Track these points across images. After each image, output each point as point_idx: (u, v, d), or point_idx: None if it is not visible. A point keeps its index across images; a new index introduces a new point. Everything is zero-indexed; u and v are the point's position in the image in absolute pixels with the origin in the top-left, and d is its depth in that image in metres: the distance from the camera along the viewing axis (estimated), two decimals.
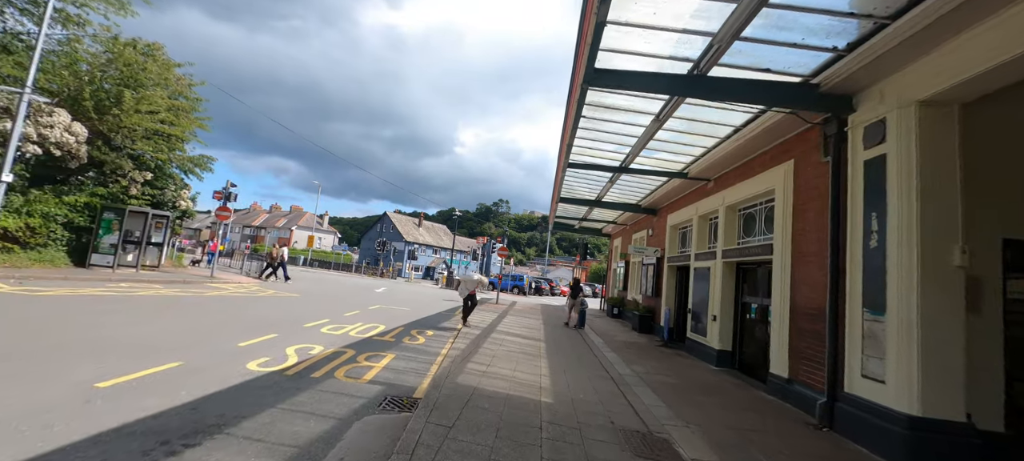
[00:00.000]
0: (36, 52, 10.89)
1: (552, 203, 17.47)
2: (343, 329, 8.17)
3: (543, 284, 37.39)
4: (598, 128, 8.62)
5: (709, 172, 9.76)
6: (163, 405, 3.64)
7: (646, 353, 9.51)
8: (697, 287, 10.17)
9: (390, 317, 10.82)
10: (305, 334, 7.30)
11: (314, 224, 60.68)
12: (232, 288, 13.74)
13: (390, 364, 5.91)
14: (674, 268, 12.56)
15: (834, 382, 5.37)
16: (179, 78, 16.24)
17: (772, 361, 6.77)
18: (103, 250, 13.60)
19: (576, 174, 12.09)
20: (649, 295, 13.89)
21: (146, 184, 15.66)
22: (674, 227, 12.80)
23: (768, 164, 7.61)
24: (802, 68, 5.59)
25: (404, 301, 16.08)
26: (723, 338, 8.76)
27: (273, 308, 10.14)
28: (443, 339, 8.53)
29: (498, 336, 9.33)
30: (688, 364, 8.72)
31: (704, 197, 10.41)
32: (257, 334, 6.79)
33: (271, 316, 8.83)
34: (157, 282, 12.66)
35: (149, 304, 8.73)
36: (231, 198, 15.93)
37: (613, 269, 21.55)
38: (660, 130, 8.00)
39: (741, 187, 8.54)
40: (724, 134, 7.95)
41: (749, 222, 8.74)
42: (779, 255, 6.87)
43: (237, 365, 5.00)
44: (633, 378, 6.80)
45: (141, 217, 14.42)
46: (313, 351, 6.11)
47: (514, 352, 7.67)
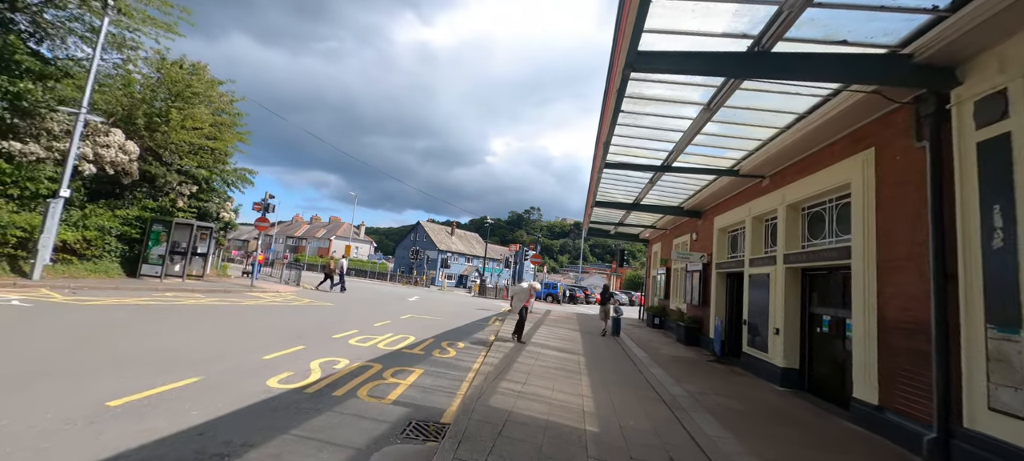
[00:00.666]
0: (91, 74, 11.51)
1: (586, 208, 16.73)
2: (372, 341, 7.85)
3: (577, 292, 36.34)
4: (638, 123, 7.93)
5: (764, 168, 8.80)
6: (170, 428, 3.32)
7: (697, 370, 8.61)
8: (753, 296, 9.16)
9: (421, 327, 10.48)
10: (332, 346, 7.02)
11: (351, 234, 62.50)
12: (269, 297, 13.93)
13: (417, 381, 5.46)
14: (723, 275, 11.52)
15: (946, 414, 4.40)
16: (222, 95, 16.93)
17: (856, 384, 5.78)
18: (152, 261, 14.18)
19: (613, 175, 11.37)
20: (695, 304, 12.85)
21: (192, 197, 16.31)
22: (722, 230, 11.77)
23: (840, 155, 6.65)
24: (890, 36, 4.73)
25: (436, 310, 15.79)
26: (788, 354, 7.75)
27: (305, 318, 10.05)
28: (475, 352, 8.04)
29: (533, 349, 8.73)
30: (747, 383, 7.76)
31: (758, 196, 9.42)
32: (284, 346, 6.56)
33: (301, 326, 8.68)
34: (199, 291, 13.00)
35: (187, 314, 8.80)
36: (270, 209, 16.33)
37: (652, 276, 20.44)
38: (709, 122, 7.22)
39: (805, 183, 7.56)
40: (784, 124, 7.05)
41: (816, 222, 7.73)
42: (860, 259, 5.90)
43: (257, 381, 4.70)
44: (688, 400, 6.00)
45: (187, 229, 14.98)
46: (338, 365, 5.77)
47: (551, 368, 7.06)
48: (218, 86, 16.70)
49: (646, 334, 14.63)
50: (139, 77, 15.18)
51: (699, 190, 11.82)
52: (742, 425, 5.03)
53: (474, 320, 13.91)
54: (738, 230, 11.11)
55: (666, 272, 17.26)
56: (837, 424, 5.63)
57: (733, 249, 11.47)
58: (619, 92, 6.14)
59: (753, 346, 8.92)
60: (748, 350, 9.12)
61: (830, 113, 6.18)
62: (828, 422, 5.70)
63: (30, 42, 13.65)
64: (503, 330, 11.12)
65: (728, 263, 11.24)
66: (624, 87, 6.06)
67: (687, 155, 9.12)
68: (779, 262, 8.14)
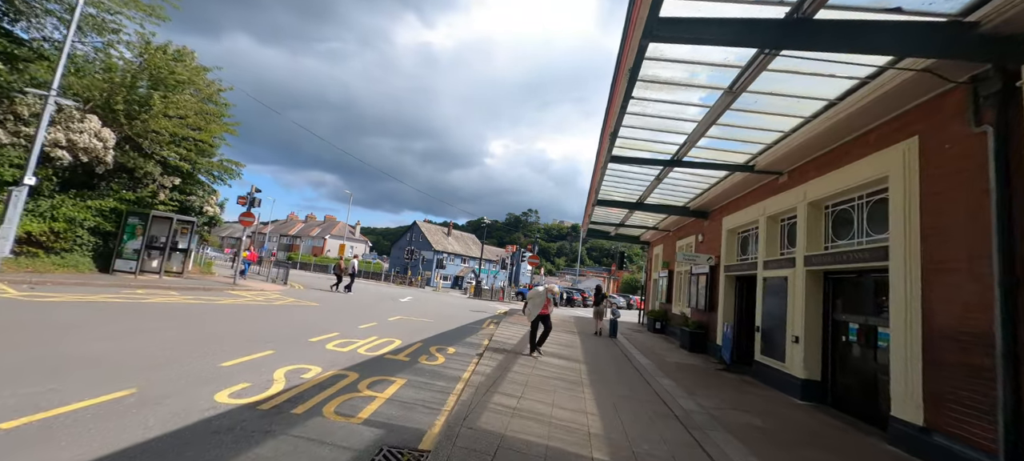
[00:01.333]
0: (63, 55, 10.75)
1: (587, 207, 16.06)
2: (352, 345, 7.12)
3: (574, 295, 35.66)
4: (648, 112, 7.27)
5: (782, 164, 8.15)
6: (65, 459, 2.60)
7: (707, 380, 7.93)
8: (768, 301, 8.49)
9: (409, 330, 9.75)
10: (306, 351, 6.28)
11: (346, 233, 61.61)
12: (251, 296, 13.16)
13: (397, 394, 4.74)
14: (732, 278, 10.85)
15: (1016, 440, 3.74)
16: (209, 83, 16.16)
17: (895, 401, 5.11)
18: (127, 256, 13.39)
19: (617, 172, 10.70)
20: (700, 309, 12.19)
21: (174, 189, 15.52)
22: (732, 231, 11.12)
23: (874, 146, 5.99)
24: (951, 3, 4.08)
25: (428, 312, 15.06)
26: (809, 365, 7.07)
27: (283, 319, 9.30)
28: (466, 359, 7.32)
29: (531, 356, 8.02)
30: (764, 396, 7.08)
31: (774, 194, 8.77)
32: (250, 351, 5.83)
33: (276, 328, 7.94)
34: (176, 288, 12.22)
35: (151, 313, 8.04)
36: (255, 204, 15.57)
37: (653, 279, 19.78)
38: (727, 111, 6.56)
39: (830, 178, 6.91)
40: (811, 112, 6.39)
41: (842, 221, 7.07)
42: (900, 261, 5.23)
43: (203, 395, 3.97)
44: (703, 417, 5.31)
45: (166, 222, 14.18)
46: (307, 374, 5.04)
47: (550, 377, 6.35)
48: (205, 74, 15.93)
49: (648, 339, 13.95)
50: (120, 62, 14.40)
51: (707, 189, 11.17)
52: (770, 449, 4.35)
53: (467, 323, 13.19)
54: (750, 231, 10.46)
55: (668, 275, 16.60)
56: (876, 447, 4.95)
57: (743, 251, 10.81)
58: (632, 71, 5.46)
59: (767, 354, 8.25)
60: (761, 358, 8.45)
61: (866, 99, 5.52)
62: (865, 445, 5.02)
63: (4, 21, 12.90)
64: (498, 334, 10.40)
65: (738, 266, 10.58)
66: (639, 65, 5.37)
67: (699, 149, 8.46)
68: (799, 265, 7.47)
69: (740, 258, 10.85)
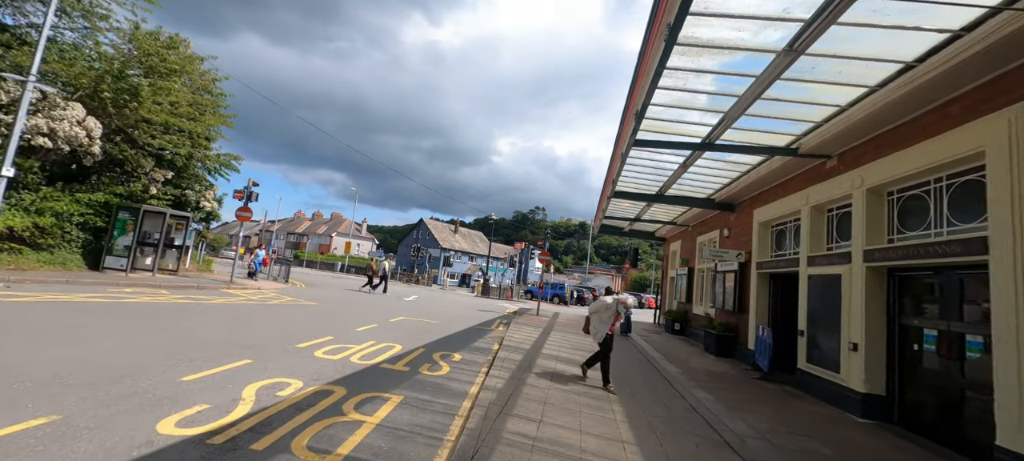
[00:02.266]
0: (41, 38, 10.06)
1: (601, 201, 15.11)
2: (345, 351, 6.29)
3: (585, 293, 34.68)
4: (682, 87, 6.34)
5: (830, 145, 7.16)
6: None
7: (746, 392, 6.98)
8: (815, 301, 7.51)
9: (412, 333, 8.91)
10: (290, 360, 5.46)
11: (352, 231, 61.20)
12: (246, 295, 12.44)
13: (390, 418, 3.89)
14: (766, 276, 9.86)
15: None
16: (203, 72, 15.47)
17: (1001, 429, 4.13)
18: (117, 252, 12.74)
19: (638, 159, 9.75)
20: (728, 309, 11.20)
21: (168, 183, 14.86)
22: (765, 224, 10.12)
23: (961, 117, 5.00)
24: None
25: (434, 311, 14.24)
26: (871, 377, 6.10)
27: (274, 320, 8.52)
28: (474, 368, 6.46)
29: (546, 363, 7.14)
30: (818, 413, 6.13)
31: (819, 181, 7.78)
32: (225, 360, 5.02)
33: (264, 332, 7.15)
34: (167, 287, 11.53)
35: (129, 315, 7.30)
36: (253, 198, 14.85)
37: (670, 277, 18.76)
38: (777, 81, 5.61)
39: (896, 160, 5.92)
40: (880, 78, 5.41)
41: (912, 210, 6.06)
42: (1008, 255, 4.24)
43: (143, 423, 3.15)
44: (761, 444, 4.39)
45: (159, 217, 13.52)
46: (284, 391, 4.21)
47: (572, 392, 5.46)
48: (200, 62, 15.23)
49: (668, 342, 12.99)
50: (110, 50, 13.73)
51: (737, 177, 10.18)
52: None
53: (475, 324, 12.34)
54: (787, 223, 9.45)
55: (688, 273, 15.60)
56: None
57: (779, 246, 9.81)
58: (671, 31, 4.56)
59: (815, 363, 7.27)
60: (807, 367, 7.47)
61: (958, 57, 4.54)
62: None
63: None
64: (509, 337, 9.54)
65: (772, 262, 9.58)
66: (681, 21, 4.46)
67: (735, 131, 7.51)
68: (856, 260, 6.49)
69: (775, 254, 9.85)
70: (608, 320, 6.37)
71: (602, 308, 6.46)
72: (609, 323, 6.34)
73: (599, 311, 6.49)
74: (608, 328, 6.35)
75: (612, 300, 6.48)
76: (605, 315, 6.43)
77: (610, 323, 6.35)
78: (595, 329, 6.49)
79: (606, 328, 6.34)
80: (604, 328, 6.36)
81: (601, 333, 6.38)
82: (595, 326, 6.51)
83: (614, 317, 6.38)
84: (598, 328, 6.45)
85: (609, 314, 6.41)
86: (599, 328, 6.44)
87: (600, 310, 6.48)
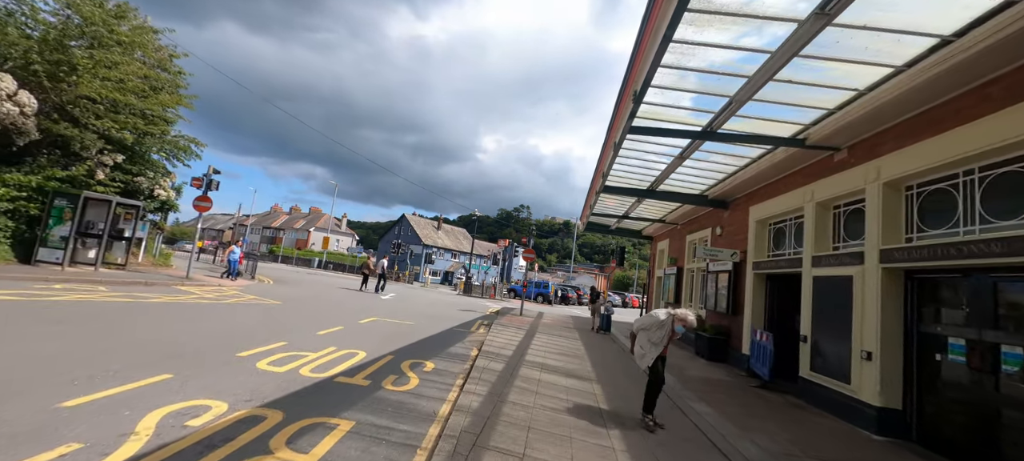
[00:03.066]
0: None
1: (589, 196, 14.45)
2: (297, 361, 5.38)
3: (569, 292, 34.16)
4: (687, 63, 5.64)
5: (841, 136, 6.59)
6: None
7: (749, 404, 6.37)
8: (821, 305, 6.95)
9: (382, 337, 8.02)
10: (221, 373, 4.54)
11: (331, 225, 59.35)
12: (200, 292, 11.28)
13: (332, 455, 3.04)
14: (763, 277, 9.33)
15: None
16: (159, 47, 14.10)
17: None
18: (53, 244, 11.39)
19: (632, 150, 9.07)
20: (721, 311, 10.66)
21: (117, 168, 13.48)
22: (762, 222, 9.58)
23: (1004, 100, 4.42)
24: None
25: (410, 311, 13.31)
26: (887, 389, 5.53)
27: (222, 322, 7.51)
28: (448, 380, 5.63)
29: (530, 373, 6.37)
30: (830, 429, 5.54)
31: (826, 175, 7.23)
32: (132, 377, 4.07)
33: (204, 336, 6.17)
34: (108, 283, 10.31)
35: (49, 316, 6.21)
36: (212, 186, 13.60)
37: (657, 277, 18.26)
38: (794, 59, 4.97)
39: (918, 150, 5.36)
40: (912, 55, 4.81)
41: (934, 206, 5.51)
42: None
43: None
44: None
45: (104, 206, 12.19)
46: (196, 420, 3.31)
47: (560, 410, 4.70)
48: (154, 35, 13.86)
49: None
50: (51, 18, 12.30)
51: (733, 173, 9.61)
52: None
53: (454, 325, 11.49)
54: (787, 221, 8.92)
55: (677, 272, 15.08)
56: None
57: (777, 245, 9.28)
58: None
59: (821, 372, 6.71)
60: (812, 376, 6.91)
61: (1004, 30, 3.95)
62: None
63: None
64: (490, 341, 8.74)
65: (770, 262, 9.05)
66: None
67: (739, 119, 6.87)
68: (870, 261, 5.92)
69: (773, 253, 9.32)
70: (660, 342, 4.88)
71: (653, 325, 4.93)
72: (661, 345, 4.89)
73: (649, 329, 4.95)
74: (661, 350, 4.89)
75: (666, 315, 4.91)
76: (656, 335, 4.89)
77: (663, 345, 4.89)
78: (642, 351, 4.98)
79: (657, 351, 4.87)
80: (655, 351, 4.88)
81: (649, 357, 4.88)
82: (643, 347, 5.00)
83: (668, 337, 4.90)
84: (647, 350, 4.93)
85: (662, 334, 4.87)
86: (648, 351, 4.91)
87: (650, 328, 4.94)
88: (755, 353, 8.44)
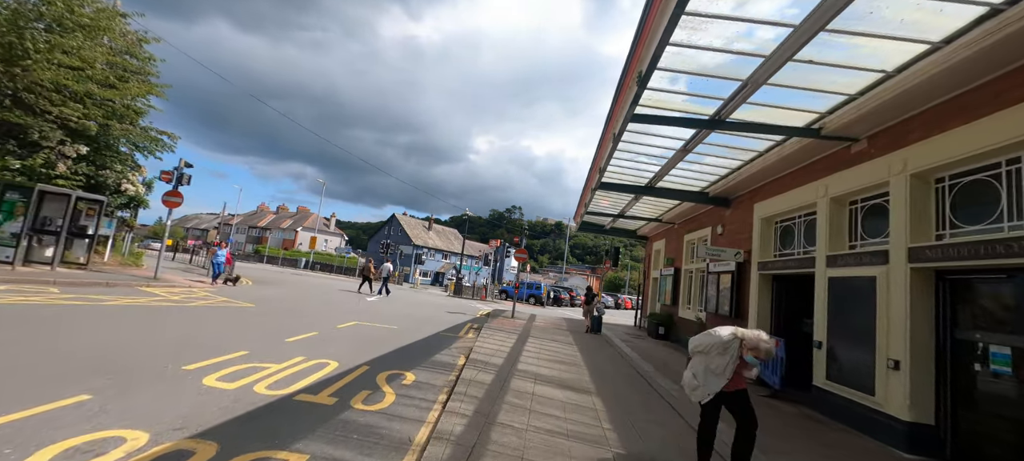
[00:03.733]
0: None
1: (584, 193, 13.88)
2: (254, 375, 4.67)
3: (562, 293, 33.61)
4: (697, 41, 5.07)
5: (861, 124, 6.08)
6: None
7: (762, 417, 5.78)
8: (837, 309, 6.43)
9: (360, 344, 7.32)
10: (154, 392, 3.82)
11: (319, 225, 58.16)
12: (165, 294, 10.44)
13: None
14: (769, 278, 8.81)
15: None
16: (127, 31, 13.20)
17: None
18: (4, 241, 10.46)
19: (632, 142, 8.49)
20: (723, 314, 10.12)
21: (80, 160, 12.56)
22: (768, 220, 9.07)
23: None
24: None
25: (395, 314, 12.59)
26: (917, 402, 5.00)
27: (178, 329, 6.75)
28: (429, 395, 4.96)
29: (522, 385, 5.72)
30: (855, 447, 4.99)
31: (841, 169, 6.72)
32: (41, 399, 3.34)
33: (150, 346, 5.42)
34: (64, 284, 9.43)
35: None
36: (183, 180, 12.73)
37: (653, 278, 17.75)
38: (819, 33, 4.43)
39: (956, 137, 4.84)
40: (953, 29, 4.29)
41: (970, 198, 4.99)
42: None
43: None
44: None
45: (62, 200, 11.28)
46: (102, 457, 2.60)
47: (557, 431, 4.06)
48: (121, 19, 12.96)
49: (653, 348, 11.87)
50: None
51: (737, 168, 9.10)
52: None
53: (441, 330, 10.80)
54: (795, 219, 8.41)
55: (674, 273, 14.56)
56: None
57: (784, 244, 8.77)
58: None
59: (838, 381, 6.17)
60: (827, 385, 6.37)
61: None
62: None
63: None
64: (479, 347, 8.07)
65: (777, 262, 8.54)
66: None
67: (749, 107, 6.33)
68: (897, 260, 5.39)
69: (780, 253, 8.81)
70: (724, 370, 3.40)
71: (714, 348, 3.47)
72: (725, 374, 3.40)
73: (708, 351, 3.51)
74: (726, 381, 3.40)
75: (730, 335, 3.45)
76: (717, 362, 3.43)
77: (727, 374, 3.40)
78: (695, 381, 3.54)
79: (721, 382, 3.41)
80: (714, 383, 3.42)
81: (704, 389, 3.47)
82: (696, 375, 3.54)
83: (734, 365, 3.41)
84: (701, 380, 3.50)
85: (725, 360, 3.40)
86: (704, 380, 3.48)
87: (710, 350, 3.49)
88: (767, 361, 7.89)
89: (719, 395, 3.46)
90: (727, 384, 3.44)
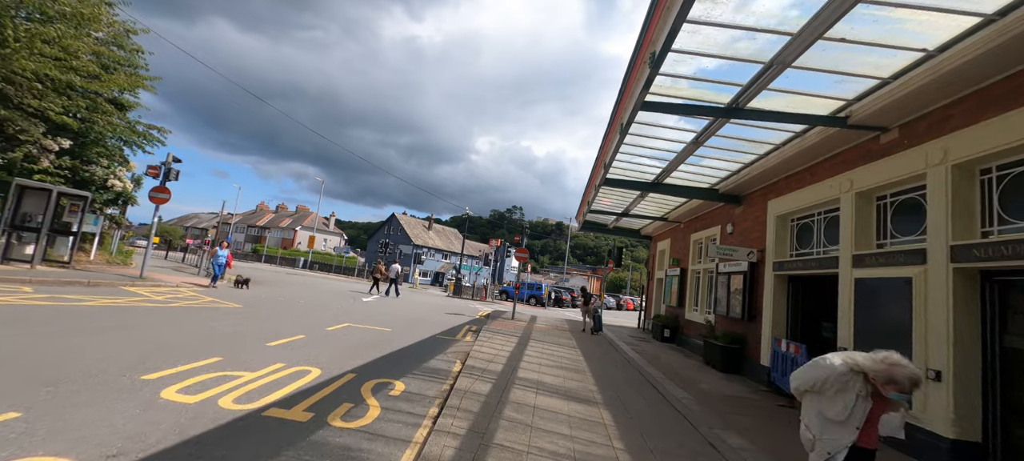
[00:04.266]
0: None
1: (587, 190, 13.38)
2: (223, 385, 4.17)
3: (564, 294, 33.10)
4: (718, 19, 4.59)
5: (894, 112, 5.57)
6: None
7: (783, 429, 5.29)
8: (865, 312, 5.92)
9: (348, 348, 6.83)
10: (102, 407, 3.33)
11: (318, 224, 57.72)
12: (148, 294, 9.96)
13: None
14: (784, 278, 8.32)
15: None
16: (112, 22, 12.73)
17: None
18: None
19: (640, 133, 7.98)
20: (735, 317, 9.62)
21: (64, 153, 12.09)
22: (783, 217, 8.57)
23: None
24: None
25: (390, 315, 12.10)
26: (964, 418, 4.49)
27: (151, 332, 6.26)
28: (419, 408, 4.46)
29: (523, 396, 5.22)
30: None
31: (869, 161, 6.22)
32: None
33: (114, 350, 4.93)
34: (39, 283, 8.96)
35: None
36: (171, 176, 12.25)
37: (658, 279, 17.24)
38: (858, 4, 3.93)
39: (1002, 124, 4.34)
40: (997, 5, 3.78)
41: (1018, 193, 4.49)
42: None
43: None
44: None
45: (43, 196, 10.81)
46: None
47: (565, 456, 3.56)
48: (107, 8, 12.49)
49: (660, 351, 11.37)
50: None
51: (751, 162, 8.59)
52: None
53: (438, 332, 10.31)
54: (813, 216, 7.91)
55: (681, 274, 14.06)
56: None
57: (801, 243, 8.26)
58: None
59: None
60: None
61: None
62: None
63: None
64: (477, 351, 7.57)
65: (794, 262, 8.03)
66: None
67: (769, 95, 5.83)
68: (936, 260, 4.89)
69: (797, 252, 8.30)
70: (848, 416, 2.39)
71: (829, 383, 2.45)
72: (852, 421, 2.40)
73: (824, 389, 2.48)
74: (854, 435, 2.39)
75: (842, 364, 2.44)
76: (834, 405, 2.44)
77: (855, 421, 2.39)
78: (809, 434, 2.56)
79: (849, 434, 2.39)
80: (842, 434, 2.41)
81: (822, 448, 2.47)
82: (809, 426, 2.57)
83: (863, 407, 2.39)
84: (816, 431, 2.52)
85: (845, 403, 2.40)
86: (821, 432, 2.49)
87: (826, 385, 2.46)
88: (778, 365, 7.41)
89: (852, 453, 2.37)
90: (859, 436, 2.37)
